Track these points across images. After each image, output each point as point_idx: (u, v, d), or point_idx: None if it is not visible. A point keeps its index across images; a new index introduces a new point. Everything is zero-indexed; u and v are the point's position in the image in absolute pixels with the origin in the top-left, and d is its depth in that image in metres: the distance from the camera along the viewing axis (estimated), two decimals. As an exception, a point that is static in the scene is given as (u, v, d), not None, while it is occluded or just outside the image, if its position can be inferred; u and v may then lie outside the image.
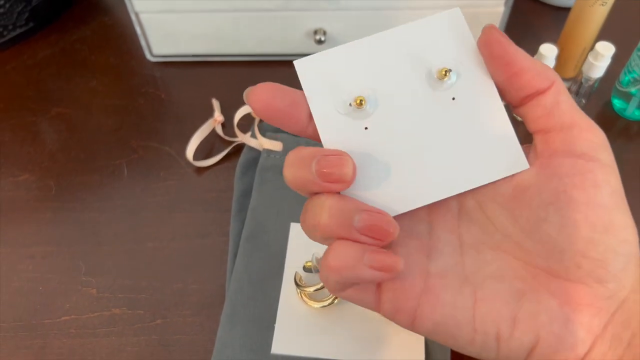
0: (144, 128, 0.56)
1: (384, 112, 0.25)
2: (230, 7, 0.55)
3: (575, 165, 0.24)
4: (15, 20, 0.61)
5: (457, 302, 0.25)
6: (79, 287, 0.46)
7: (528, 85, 0.24)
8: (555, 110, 0.24)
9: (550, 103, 0.24)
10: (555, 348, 0.24)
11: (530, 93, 0.25)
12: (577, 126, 0.24)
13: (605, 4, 0.49)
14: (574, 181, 0.23)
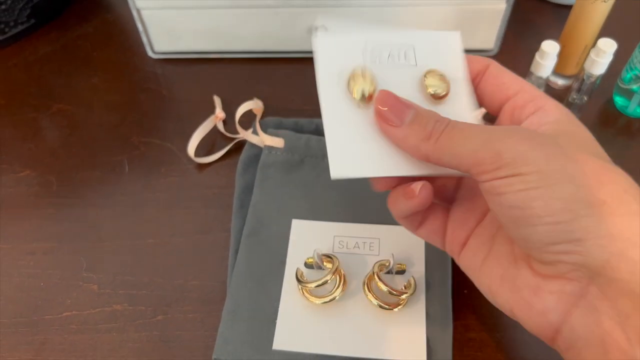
0: (146, 124, 0.56)
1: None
2: (232, 4, 0.55)
3: (484, 189, 0.26)
4: (17, 17, 0.61)
5: (477, 250, 0.30)
6: (80, 283, 0.46)
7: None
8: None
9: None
10: (526, 313, 0.27)
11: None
12: (472, 165, 0.26)
13: (606, 0, 0.49)
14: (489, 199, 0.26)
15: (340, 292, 0.41)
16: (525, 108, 0.29)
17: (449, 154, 0.26)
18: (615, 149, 0.54)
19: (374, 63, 0.30)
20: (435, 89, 0.30)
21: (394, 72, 0.30)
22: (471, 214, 0.32)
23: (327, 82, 0.30)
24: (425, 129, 0.27)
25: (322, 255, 0.43)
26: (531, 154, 0.24)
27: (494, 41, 0.60)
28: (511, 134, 0.25)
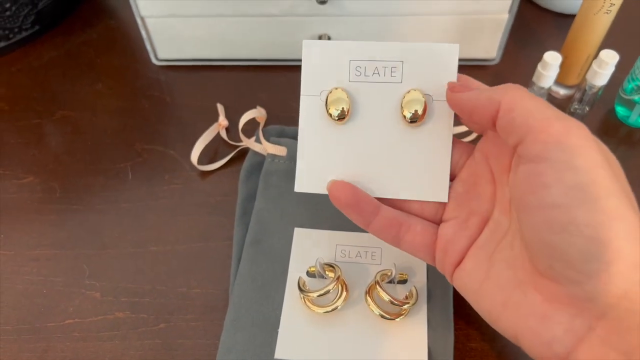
0: (149, 131, 0.56)
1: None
2: (236, 12, 0.56)
3: (526, 171, 0.25)
4: (21, 23, 0.62)
5: (473, 272, 0.29)
6: (83, 290, 0.46)
7: (482, 120, 0.28)
8: (511, 128, 0.26)
9: (504, 124, 0.26)
10: (531, 341, 0.25)
11: (488, 124, 0.27)
12: (531, 132, 0.24)
13: (609, 12, 0.49)
14: (524, 187, 0.25)
15: (342, 301, 0.41)
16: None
17: (522, 107, 0.25)
18: (617, 159, 0.55)
19: (358, 77, 0.30)
20: (410, 112, 0.29)
21: (376, 89, 0.30)
22: (464, 233, 0.30)
23: (308, 93, 0.30)
24: (501, 85, 0.27)
25: (324, 264, 0.43)
26: (590, 153, 0.23)
27: (496, 50, 0.60)
28: (581, 127, 0.24)
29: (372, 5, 0.54)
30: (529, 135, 0.24)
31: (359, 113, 0.30)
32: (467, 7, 0.55)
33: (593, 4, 0.49)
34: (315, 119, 0.30)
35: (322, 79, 0.30)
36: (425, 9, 0.55)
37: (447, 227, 0.31)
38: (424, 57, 0.30)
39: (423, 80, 0.30)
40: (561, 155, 0.23)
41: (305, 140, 0.30)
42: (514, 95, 0.26)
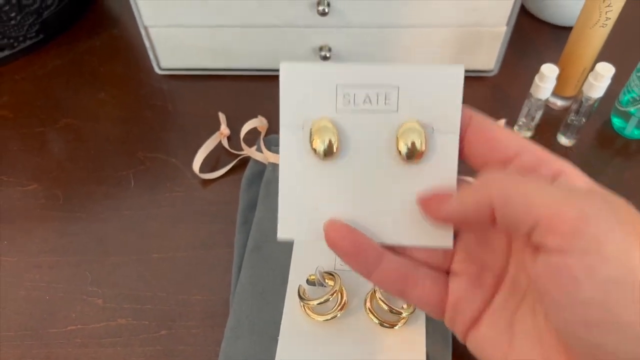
0: (151, 139, 0.57)
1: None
2: (238, 23, 0.56)
3: (548, 264, 0.21)
4: (26, 32, 0.62)
5: (493, 340, 0.25)
6: (85, 296, 0.46)
7: (479, 226, 0.25)
8: (514, 223, 0.22)
9: (506, 222, 0.22)
10: None
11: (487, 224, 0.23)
12: (540, 222, 0.21)
13: (605, 25, 0.50)
14: (549, 281, 0.21)
15: (341, 310, 0.42)
16: (539, 173, 0.24)
17: (518, 198, 0.21)
18: (612, 170, 0.56)
19: (347, 105, 0.25)
20: (408, 147, 0.25)
21: (367, 119, 0.25)
22: (477, 292, 0.26)
23: (288, 124, 0.26)
24: (482, 178, 0.23)
25: (324, 272, 0.43)
26: (616, 236, 0.19)
27: (494, 62, 0.61)
28: (595, 201, 0.20)
29: (373, 17, 0.55)
30: (540, 226, 0.21)
31: (348, 148, 0.25)
32: (466, 20, 0.56)
33: (589, 17, 0.50)
34: (298, 154, 0.25)
35: (304, 107, 0.25)
36: (424, 21, 0.56)
37: (459, 283, 0.26)
38: (424, 81, 0.25)
39: (422, 108, 0.25)
40: (585, 245, 0.19)
41: (288, 180, 0.26)
42: (500, 186, 0.22)
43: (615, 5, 0.48)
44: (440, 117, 0.25)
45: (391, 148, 0.25)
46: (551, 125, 0.57)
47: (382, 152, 0.25)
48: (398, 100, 0.25)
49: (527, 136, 0.56)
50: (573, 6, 0.63)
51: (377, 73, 0.25)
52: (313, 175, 0.26)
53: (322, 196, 0.26)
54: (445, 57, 0.60)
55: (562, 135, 0.56)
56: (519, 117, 0.56)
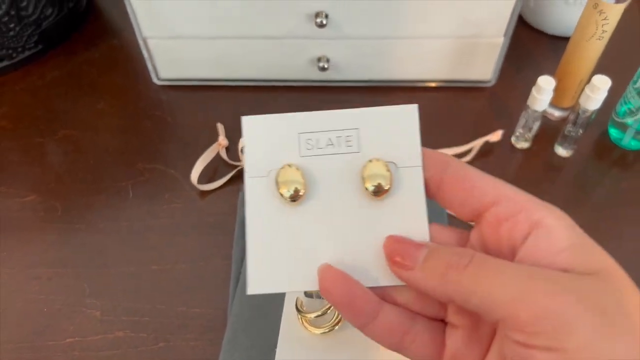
0: (150, 150, 0.57)
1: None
2: (236, 34, 0.57)
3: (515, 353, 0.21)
4: (25, 43, 0.63)
5: None
6: (83, 309, 0.46)
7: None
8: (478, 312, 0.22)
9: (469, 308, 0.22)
10: None
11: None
12: (505, 318, 0.20)
13: (601, 38, 0.50)
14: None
15: (339, 323, 0.42)
16: (516, 224, 0.23)
17: (476, 299, 0.21)
18: (610, 181, 0.56)
19: (310, 150, 0.26)
20: (374, 184, 0.25)
21: (331, 162, 0.26)
22: (475, 347, 0.25)
23: (254, 175, 0.26)
24: (441, 265, 0.22)
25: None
26: (579, 326, 0.19)
27: (491, 73, 0.61)
28: (554, 289, 0.20)
29: (371, 29, 0.55)
30: (501, 322, 0.21)
31: (316, 191, 0.26)
32: (463, 31, 0.56)
33: (586, 30, 0.50)
34: (265, 203, 0.26)
35: (269, 156, 0.26)
36: (422, 33, 0.56)
37: (456, 337, 0.25)
38: (380, 121, 0.26)
39: (383, 147, 0.26)
40: (547, 342, 0.20)
41: (256, 230, 0.25)
42: (457, 288, 0.22)
43: (612, 18, 0.48)
44: (402, 153, 0.26)
45: (358, 188, 0.26)
46: (549, 136, 0.58)
47: (349, 192, 0.26)
48: (359, 141, 0.26)
49: (524, 147, 0.57)
50: (571, 17, 0.63)
51: (336, 118, 0.26)
52: (283, 223, 0.26)
53: (294, 243, 0.25)
54: (443, 67, 0.60)
55: (560, 146, 0.56)
56: (516, 127, 0.56)
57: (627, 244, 0.50)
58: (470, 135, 0.57)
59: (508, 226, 0.23)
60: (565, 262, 0.22)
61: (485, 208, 0.24)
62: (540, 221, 0.22)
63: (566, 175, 0.55)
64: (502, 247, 0.23)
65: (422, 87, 0.63)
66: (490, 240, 0.24)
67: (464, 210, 0.24)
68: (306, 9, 0.54)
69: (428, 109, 0.61)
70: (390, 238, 0.25)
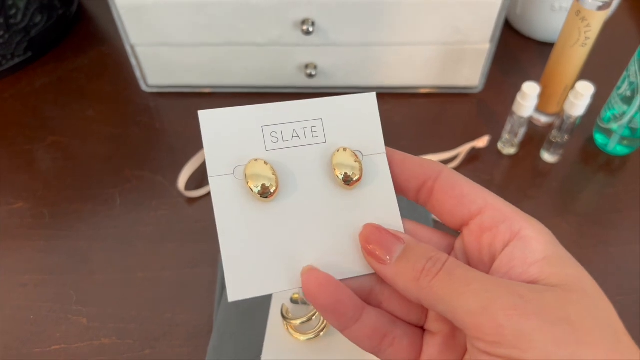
0: (138, 157, 0.57)
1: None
2: (224, 41, 0.57)
3: (479, 357, 0.21)
4: (14, 50, 0.63)
5: None
6: (70, 316, 0.46)
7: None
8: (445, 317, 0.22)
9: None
10: None
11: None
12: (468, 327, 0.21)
13: (585, 45, 0.51)
14: None
15: (324, 329, 0.42)
16: (497, 233, 0.24)
17: (444, 306, 0.22)
18: (596, 187, 0.56)
19: (275, 143, 0.25)
20: (344, 173, 0.25)
21: (299, 154, 0.25)
22: (449, 355, 0.25)
23: (218, 173, 0.24)
24: (414, 268, 0.23)
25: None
26: (538, 336, 0.20)
27: (478, 79, 0.61)
28: (516, 302, 0.21)
29: (357, 36, 0.56)
30: (465, 330, 0.22)
31: (286, 185, 0.25)
32: (450, 38, 0.57)
33: (569, 37, 0.51)
34: (234, 203, 0.24)
35: (233, 153, 0.24)
36: (408, 40, 0.57)
37: (433, 343, 0.26)
38: (342, 110, 0.26)
39: (348, 136, 0.26)
40: (507, 353, 0.20)
41: (228, 233, 0.24)
42: (426, 295, 0.22)
43: (594, 25, 0.49)
44: (366, 142, 0.26)
45: (329, 179, 0.25)
46: (535, 141, 0.58)
47: (321, 184, 0.25)
48: (324, 132, 0.25)
49: (511, 153, 0.57)
50: (557, 23, 0.64)
51: (299, 109, 0.25)
52: (255, 221, 0.24)
53: (269, 242, 0.24)
54: (430, 74, 0.61)
55: (546, 151, 0.56)
56: (502, 133, 0.57)
57: (612, 248, 0.50)
58: (458, 141, 0.57)
59: (490, 235, 0.24)
60: (536, 273, 0.22)
61: (472, 217, 0.24)
62: (519, 232, 0.23)
63: (552, 180, 0.56)
64: (483, 255, 0.24)
65: (410, 93, 0.63)
66: (472, 248, 0.25)
67: (453, 219, 0.25)
68: (293, 16, 0.54)
69: (416, 115, 0.61)
70: (369, 226, 0.25)
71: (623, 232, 0.52)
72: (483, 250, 0.24)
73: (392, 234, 0.24)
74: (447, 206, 0.25)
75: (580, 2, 0.48)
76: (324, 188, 0.25)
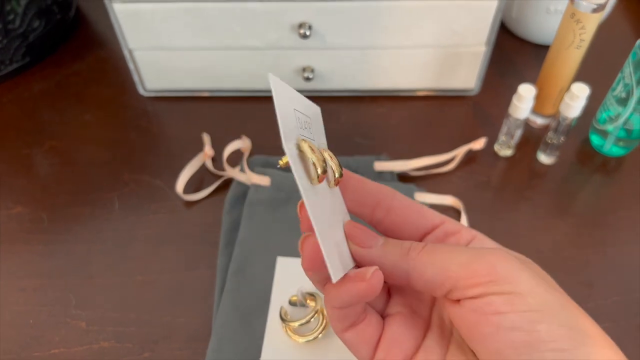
0: (136, 161, 0.58)
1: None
2: (221, 45, 0.57)
3: (471, 305, 0.24)
4: (12, 56, 0.63)
5: None
6: (69, 319, 0.47)
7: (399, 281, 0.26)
8: (433, 287, 0.25)
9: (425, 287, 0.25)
10: None
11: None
12: (458, 283, 0.24)
13: (580, 47, 0.51)
14: (475, 318, 0.23)
15: (322, 331, 0.42)
16: (461, 237, 0.27)
17: (434, 268, 0.24)
18: (592, 187, 0.57)
19: (301, 130, 0.25)
20: (339, 171, 0.25)
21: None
22: (410, 332, 0.27)
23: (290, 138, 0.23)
24: (402, 247, 0.25)
25: (305, 293, 0.44)
26: (524, 274, 0.23)
27: (474, 81, 0.62)
28: (497, 252, 0.24)
29: (353, 40, 0.56)
30: (457, 287, 0.24)
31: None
32: (445, 41, 0.57)
33: (564, 39, 0.51)
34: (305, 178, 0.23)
35: (291, 125, 0.24)
36: (405, 43, 0.57)
37: (393, 323, 0.27)
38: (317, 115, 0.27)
39: (319, 138, 0.26)
40: (501, 287, 0.23)
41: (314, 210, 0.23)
42: (418, 260, 0.25)
43: (589, 27, 0.49)
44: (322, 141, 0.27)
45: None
46: (532, 143, 0.58)
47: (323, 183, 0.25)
48: (311, 130, 0.26)
49: (507, 154, 0.57)
50: (552, 26, 0.64)
51: (306, 104, 0.26)
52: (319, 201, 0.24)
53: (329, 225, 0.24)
54: (427, 77, 0.61)
55: (542, 153, 0.57)
56: (499, 135, 0.57)
57: (609, 249, 0.51)
58: (455, 143, 0.57)
59: (455, 238, 0.28)
60: None
61: (434, 227, 0.28)
62: (476, 235, 0.28)
63: (549, 182, 0.56)
64: None
65: (406, 96, 0.63)
66: None
67: (417, 229, 0.28)
68: (290, 20, 0.54)
69: (413, 118, 0.62)
70: (351, 223, 0.26)
71: (619, 232, 0.52)
72: None
73: (371, 232, 0.26)
74: (411, 218, 0.28)
75: (575, 5, 0.49)
76: (325, 185, 0.25)
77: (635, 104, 0.50)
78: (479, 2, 0.54)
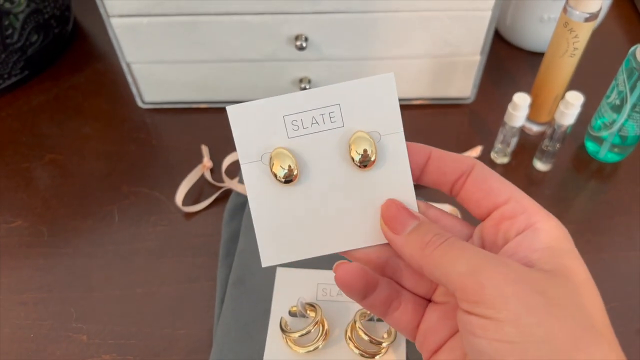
0: (135, 173, 0.58)
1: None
2: (219, 58, 0.58)
3: (461, 317, 0.24)
4: (11, 69, 0.63)
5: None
6: (70, 333, 0.47)
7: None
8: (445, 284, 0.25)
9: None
10: None
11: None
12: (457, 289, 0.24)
13: (573, 55, 0.52)
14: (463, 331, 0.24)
15: (322, 341, 0.42)
16: (515, 222, 0.26)
17: (439, 271, 0.24)
18: (588, 194, 0.57)
19: (297, 131, 0.27)
20: (360, 155, 0.27)
21: (319, 139, 0.27)
22: (447, 323, 0.28)
23: (247, 160, 0.27)
24: (422, 239, 0.25)
25: (305, 304, 0.44)
26: (513, 300, 0.22)
27: (470, 90, 0.62)
28: (501, 270, 0.23)
29: (349, 51, 0.57)
30: (455, 293, 0.24)
31: (308, 169, 0.27)
32: (440, 50, 0.58)
33: (558, 47, 0.52)
34: (263, 185, 0.27)
35: (258, 141, 0.27)
36: (400, 53, 0.58)
37: (433, 313, 0.29)
38: (360, 94, 0.27)
39: (365, 118, 0.27)
40: (483, 311, 0.23)
41: (258, 210, 0.27)
42: (427, 262, 0.25)
43: (582, 35, 0.50)
44: (383, 121, 0.27)
45: (346, 160, 0.27)
46: (528, 150, 0.59)
47: (339, 166, 0.27)
48: (342, 116, 0.27)
49: (504, 162, 0.58)
50: (546, 34, 0.64)
51: (317, 96, 0.27)
52: (281, 201, 0.27)
53: (295, 218, 0.28)
54: (422, 86, 0.62)
55: (538, 160, 0.57)
56: (495, 143, 0.57)
57: (605, 255, 0.51)
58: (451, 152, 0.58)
59: (508, 224, 0.26)
60: (535, 259, 0.25)
61: (496, 208, 0.27)
62: (534, 224, 0.26)
63: (545, 188, 0.56)
64: (497, 240, 0.27)
65: (402, 105, 0.64)
66: (489, 233, 0.27)
67: (480, 210, 0.28)
68: (286, 32, 0.55)
69: (409, 127, 0.61)
70: (391, 201, 0.28)
71: (615, 238, 0.52)
72: (498, 236, 0.27)
73: (409, 211, 0.27)
74: (475, 198, 0.27)
75: (568, 14, 0.49)
76: (341, 170, 0.27)
77: (630, 110, 0.51)
78: (473, 12, 0.54)
